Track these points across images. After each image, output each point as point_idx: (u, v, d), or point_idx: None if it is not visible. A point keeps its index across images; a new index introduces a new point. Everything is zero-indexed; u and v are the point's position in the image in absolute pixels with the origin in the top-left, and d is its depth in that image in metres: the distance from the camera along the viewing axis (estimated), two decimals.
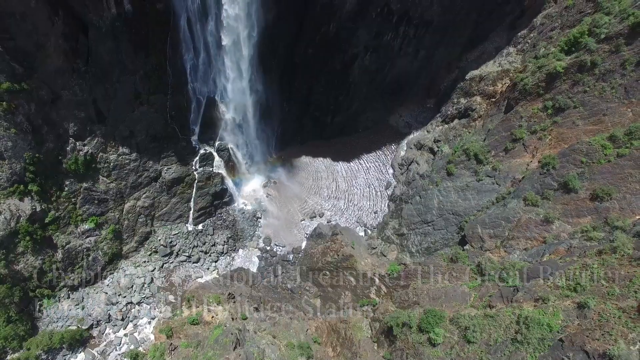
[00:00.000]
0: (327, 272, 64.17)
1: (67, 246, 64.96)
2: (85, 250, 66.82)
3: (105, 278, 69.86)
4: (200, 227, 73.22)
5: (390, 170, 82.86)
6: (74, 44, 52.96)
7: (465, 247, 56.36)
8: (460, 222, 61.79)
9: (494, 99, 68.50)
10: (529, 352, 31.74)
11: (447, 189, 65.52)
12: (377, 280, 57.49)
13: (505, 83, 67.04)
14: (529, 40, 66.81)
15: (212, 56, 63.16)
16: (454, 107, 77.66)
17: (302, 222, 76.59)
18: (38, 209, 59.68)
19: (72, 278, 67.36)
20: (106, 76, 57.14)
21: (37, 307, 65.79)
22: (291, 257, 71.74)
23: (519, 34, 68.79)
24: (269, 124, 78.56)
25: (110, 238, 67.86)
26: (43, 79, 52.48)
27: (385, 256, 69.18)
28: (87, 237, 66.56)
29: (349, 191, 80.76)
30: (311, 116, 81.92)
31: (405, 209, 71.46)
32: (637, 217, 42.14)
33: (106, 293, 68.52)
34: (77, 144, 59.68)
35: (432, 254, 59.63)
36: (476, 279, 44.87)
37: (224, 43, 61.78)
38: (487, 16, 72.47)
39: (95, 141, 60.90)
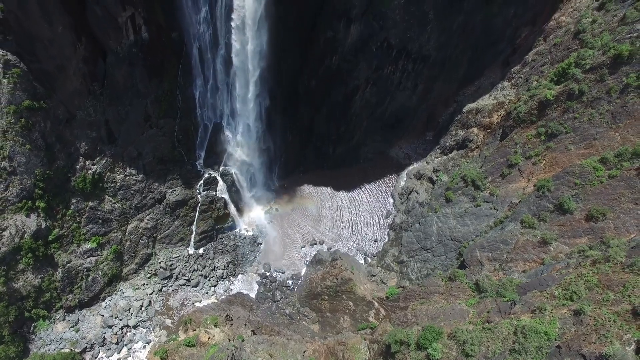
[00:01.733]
0: (326, 297, 63.62)
1: (68, 265, 65.23)
2: (85, 270, 66.95)
3: (102, 300, 69.41)
4: (201, 250, 73.53)
5: (391, 200, 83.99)
6: (92, 67, 56.52)
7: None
8: (459, 247, 62.03)
9: (490, 130, 70.99)
10: None
11: (445, 215, 66.34)
12: (375, 303, 56.98)
13: (500, 114, 69.80)
14: (522, 75, 70.35)
15: (220, 84, 66.65)
16: (452, 139, 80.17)
17: (303, 249, 76.80)
18: (43, 225, 60.71)
19: (69, 299, 67.02)
20: (119, 99, 60.27)
21: (31, 329, 65.12)
22: (290, 283, 71.31)
23: (512, 69, 72.60)
24: (272, 153, 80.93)
25: (111, 259, 68.14)
26: (61, 99, 55.51)
27: (384, 283, 68.67)
28: (89, 257, 66.91)
29: (349, 220, 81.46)
30: (313, 146, 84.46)
31: (405, 236, 71.90)
32: (632, 235, 42.68)
33: (102, 315, 67.81)
34: (87, 162, 61.76)
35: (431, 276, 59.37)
36: (474, 297, 44.72)
37: (232, 72, 65.45)
38: (481, 53, 76.71)
39: (104, 161, 63.02)
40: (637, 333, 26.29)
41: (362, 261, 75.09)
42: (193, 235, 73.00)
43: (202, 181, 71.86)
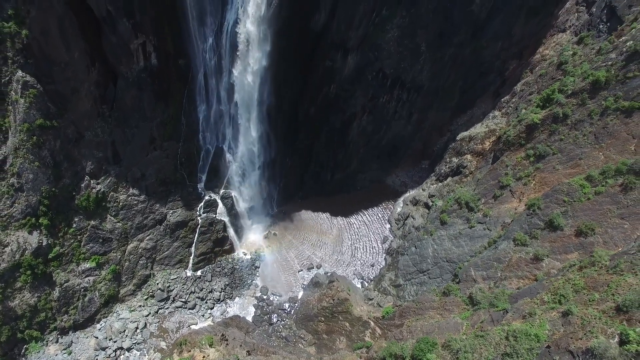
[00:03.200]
0: (322, 318, 63.34)
1: (66, 284, 65.42)
2: (82, 290, 67.00)
3: (97, 322, 68.85)
4: (199, 273, 73.79)
5: (387, 226, 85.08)
6: (103, 91, 59.81)
7: None
8: (455, 268, 62.51)
9: (482, 155, 73.46)
10: None
11: (441, 238, 67.33)
12: (371, 323, 56.88)
13: (492, 140, 72.52)
14: (512, 105, 73.77)
15: (223, 109, 69.91)
16: (447, 166, 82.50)
17: (300, 272, 77.04)
18: (44, 243, 61.66)
19: (64, 320, 66.57)
20: (127, 121, 63.12)
21: (23, 351, 64.32)
22: (287, 306, 71.00)
23: (503, 99, 76.18)
24: (272, 177, 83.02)
25: (109, 279, 68.33)
26: (72, 119, 58.26)
27: (381, 307, 68.39)
28: (87, 276, 67.17)
29: (347, 245, 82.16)
30: (312, 172, 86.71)
31: (402, 260, 72.46)
32: (620, 249, 43.78)
33: (97, 337, 67.07)
34: (92, 182, 63.65)
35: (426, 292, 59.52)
36: (468, 310, 45.11)
37: (234, 98, 68.92)
38: (472, 84, 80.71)
39: (108, 180, 64.93)
40: (620, 327, 27.12)
41: (359, 285, 75.07)
42: (192, 257, 73.56)
43: (202, 203, 73.42)
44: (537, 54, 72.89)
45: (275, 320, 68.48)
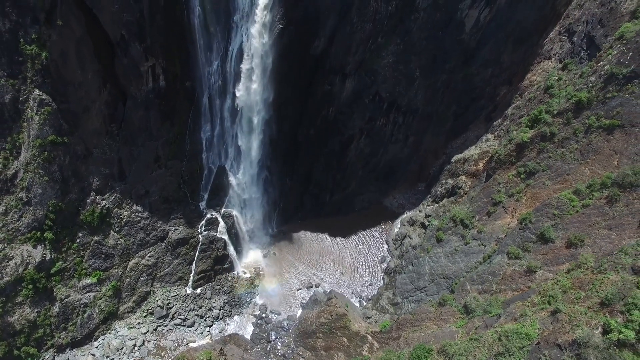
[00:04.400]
0: (321, 334, 63.51)
1: (66, 300, 65.96)
2: (82, 305, 67.44)
3: (95, 339, 68.78)
4: (198, 290, 74.31)
5: (385, 246, 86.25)
6: (113, 110, 62.83)
7: None
8: (451, 285, 63.31)
9: (476, 175, 75.85)
10: None
11: (437, 255, 68.50)
12: (369, 337, 57.25)
13: (485, 161, 75.11)
14: (503, 128, 76.81)
15: (226, 130, 72.90)
16: (443, 187, 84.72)
17: (299, 291, 77.54)
18: (48, 257, 62.81)
19: (62, 336, 66.59)
20: (133, 139, 65.79)
21: None
22: (286, 324, 71.11)
23: (495, 123, 79.36)
24: (272, 198, 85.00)
25: (110, 295, 68.86)
26: (81, 137, 60.96)
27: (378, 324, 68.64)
28: (87, 292, 67.79)
29: (345, 264, 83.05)
30: (311, 193, 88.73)
31: (399, 278, 73.23)
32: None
33: (94, 355, 66.86)
34: (97, 197, 65.57)
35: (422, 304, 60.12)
36: (463, 319, 45.96)
37: (237, 119, 72.04)
38: (465, 109, 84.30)
39: (113, 197, 66.86)
40: (603, 318, 28.49)
41: (357, 304, 75.42)
42: (192, 275, 74.29)
43: (204, 221, 74.96)
44: (525, 80, 76.68)
45: (273, 337, 68.48)
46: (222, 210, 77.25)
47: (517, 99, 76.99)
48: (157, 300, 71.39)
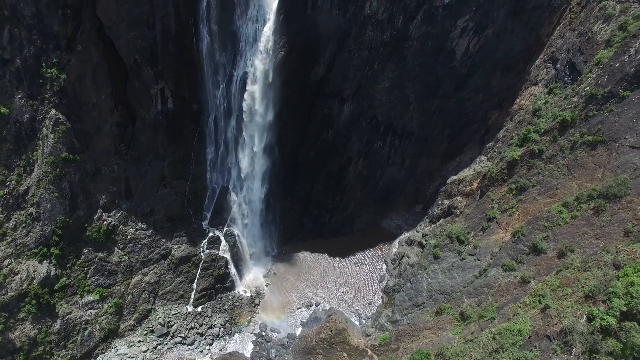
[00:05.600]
0: (321, 350, 63.80)
1: (68, 317, 66.48)
2: (83, 323, 67.84)
3: (95, 358, 68.70)
4: (199, 309, 74.84)
5: (384, 266, 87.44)
6: (122, 130, 66.02)
7: None
8: (449, 300, 64.37)
9: (471, 196, 78.34)
10: (505, 357, 34.05)
11: (434, 272, 69.85)
12: (369, 351, 57.82)
13: (479, 181, 77.87)
14: (496, 149, 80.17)
15: (230, 151, 75.95)
16: (439, 208, 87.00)
17: (299, 310, 78.08)
18: (52, 273, 64.00)
19: (61, 355, 66.54)
20: (141, 159, 68.59)
21: None
22: (286, 342, 71.30)
23: (487, 145, 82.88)
24: (272, 218, 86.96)
25: (111, 312, 69.41)
26: (92, 155, 63.77)
27: None
28: (89, 309, 68.38)
29: (345, 284, 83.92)
30: (311, 214, 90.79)
31: (398, 296, 74.13)
32: None
33: None
34: (104, 214, 67.59)
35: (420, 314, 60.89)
36: (460, 326, 47.12)
37: (240, 141, 75.30)
38: (458, 132, 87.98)
39: (119, 214, 68.89)
40: (587, 308, 30.25)
41: (357, 322, 75.82)
42: (193, 293, 75.05)
43: (206, 240, 76.59)
44: (515, 104, 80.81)
45: (273, 355, 68.56)
46: (224, 229, 79.06)
47: (507, 122, 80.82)
48: (158, 318, 71.82)
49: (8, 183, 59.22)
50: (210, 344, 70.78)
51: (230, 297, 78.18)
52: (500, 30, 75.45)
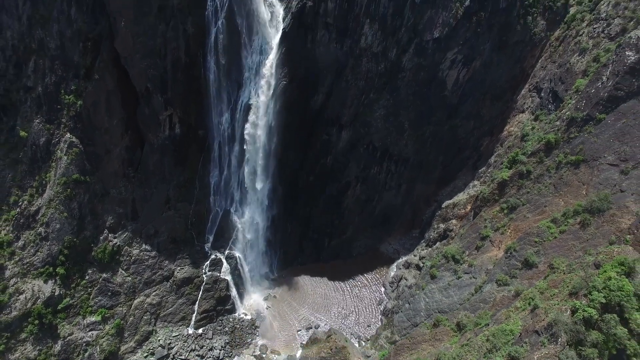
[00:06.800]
0: None
1: (69, 337, 66.88)
2: (84, 344, 68.05)
3: None
4: (200, 330, 75.16)
5: (382, 289, 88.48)
6: (131, 154, 69.40)
7: None
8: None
9: (466, 218, 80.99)
10: (498, 355, 35.71)
11: (431, 291, 71.26)
12: None
13: (472, 202, 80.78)
14: (488, 174, 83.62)
15: (233, 175, 79.06)
16: (435, 232, 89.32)
17: (299, 332, 78.43)
18: (57, 293, 65.19)
19: None
20: (147, 182, 71.49)
21: None
22: None
23: (480, 170, 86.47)
24: (273, 241, 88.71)
25: (113, 334, 69.75)
26: (101, 177, 66.76)
27: None
28: (90, 330, 68.81)
29: (344, 307, 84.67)
30: (311, 238, 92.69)
31: (396, 317, 75.01)
32: None
33: None
34: (110, 235, 69.59)
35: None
36: (456, 335, 48.48)
37: (243, 165, 78.58)
38: (451, 158, 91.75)
39: (125, 235, 70.89)
40: (570, 303, 32.40)
41: (356, 344, 76.06)
42: (194, 315, 75.61)
43: (208, 262, 78.09)
44: (504, 131, 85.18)
45: None
46: (226, 252, 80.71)
47: (498, 148, 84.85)
48: (159, 340, 72.08)
49: (20, 203, 61.92)
50: None
51: (231, 319, 78.65)
52: (487, 62, 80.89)
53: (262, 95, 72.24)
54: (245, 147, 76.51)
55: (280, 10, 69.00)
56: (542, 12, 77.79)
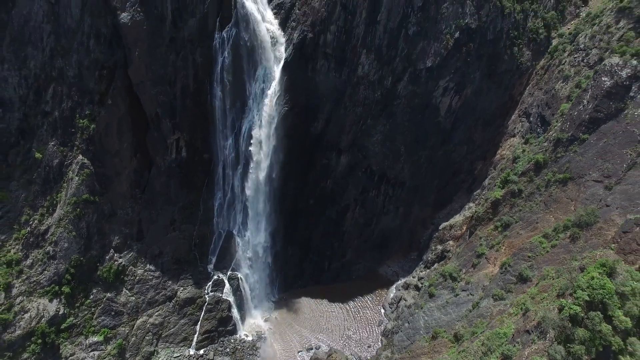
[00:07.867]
0: None
1: (70, 358, 67.34)
2: None
3: None
4: (201, 352, 75.44)
5: (382, 310, 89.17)
6: (139, 177, 72.30)
7: None
8: None
9: (461, 237, 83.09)
10: (493, 357, 37.27)
11: (430, 309, 72.40)
12: None
13: (468, 222, 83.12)
14: (482, 196, 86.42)
15: (236, 198, 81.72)
16: (433, 253, 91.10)
17: (300, 353, 78.62)
18: (61, 312, 66.20)
19: None
20: (153, 203, 73.99)
21: None
22: None
23: (475, 193, 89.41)
24: (274, 264, 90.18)
25: (114, 354, 70.07)
26: (109, 198, 69.29)
27: None
28: (92, 350, 69.22)
29: (345, 327, 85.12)
30: (311, 260, 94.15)
31: (396, 337, 75.63)
32: None
33: None
34: (115, 255, 71.33)
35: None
36: (454, 346, 49.68)
37: (246, 189, 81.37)
38: (447, 182, 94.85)
39: (130, 255, 72.61)
40: (557, 302, 34.42)
41: None
42: (196, 335, 76.04)
43: (211, 282, 79.34)
44: (497, 155, 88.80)
45: None
46: (229, 273, 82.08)
47: (491, 171, 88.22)
48: None
49: (31, 222, 64.14)
50: None
51: (232, 340, 79.01)
52: (477, 90, 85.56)
53: (264, 121, 76.04)
54: (248, 170, 79.62)
55: (282, 40, 74.07)
56: (527, 44, 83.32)
